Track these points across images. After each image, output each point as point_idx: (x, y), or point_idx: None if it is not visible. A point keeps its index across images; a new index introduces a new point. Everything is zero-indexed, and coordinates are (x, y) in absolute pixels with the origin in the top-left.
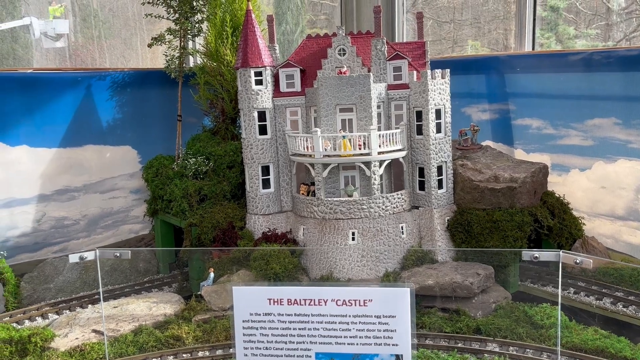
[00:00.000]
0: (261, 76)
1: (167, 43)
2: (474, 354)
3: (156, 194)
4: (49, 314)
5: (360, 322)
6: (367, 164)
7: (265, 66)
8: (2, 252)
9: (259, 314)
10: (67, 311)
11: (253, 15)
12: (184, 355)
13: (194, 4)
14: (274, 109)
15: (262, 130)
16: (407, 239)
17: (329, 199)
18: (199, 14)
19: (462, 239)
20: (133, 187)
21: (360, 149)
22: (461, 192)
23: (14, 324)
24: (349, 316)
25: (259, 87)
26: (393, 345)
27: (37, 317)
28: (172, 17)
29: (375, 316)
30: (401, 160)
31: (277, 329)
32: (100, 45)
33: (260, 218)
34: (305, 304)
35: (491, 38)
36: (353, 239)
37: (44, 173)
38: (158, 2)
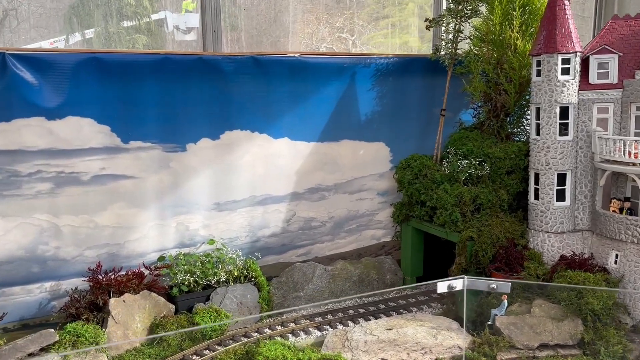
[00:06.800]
0: (569, 64)
1: (444, 25)
2: None
3: (414, 199)
4: (309, 328)
5: None
6: None
7: (576, 52)
8: (256, 254)
9: None
10: (329, 327)
11: None
12: None
13: None
14: (577, 105)
15: (562, 129)
16: None
17: None
18: None
19: None
20: (381, 188)
21: None
22: None
23: (278, 337)
24: None
25: (566, 77)
26: None
27: (299, 331)
28: None
29: None
30: None
31: None
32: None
33: (550, 237)
34: None
35: None
36: None
37: (299, 169)
38: None
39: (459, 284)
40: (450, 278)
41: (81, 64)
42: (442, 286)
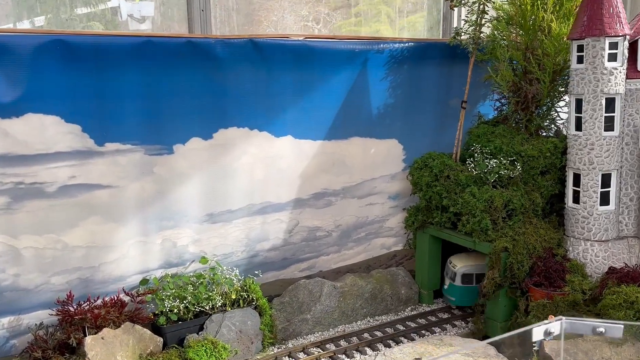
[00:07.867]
0: (616, 49)
1: (469, 5)
2: None
3: (434, 203)
4: (322, 359)
5: None
6: None
7: (625, 35)
8: (256, 272)
9: None
10: (344, 357)
11: None
12: None
13: None
14: (624, 95)
15: (607, 124)
16: None
17: None
18: None
19: None
20: (392, 191)
21: None
22: None
23: None
24: None
25: (613, 64)
26: None
27: None
28: None
29: None
30: None
31: None
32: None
33: (594, 246)
34: None
35: None
36: None
37: (304, 172)
38: None
39: (556, 327)
40: (546, 322)
41: (43, 49)
42: (538, 332)
